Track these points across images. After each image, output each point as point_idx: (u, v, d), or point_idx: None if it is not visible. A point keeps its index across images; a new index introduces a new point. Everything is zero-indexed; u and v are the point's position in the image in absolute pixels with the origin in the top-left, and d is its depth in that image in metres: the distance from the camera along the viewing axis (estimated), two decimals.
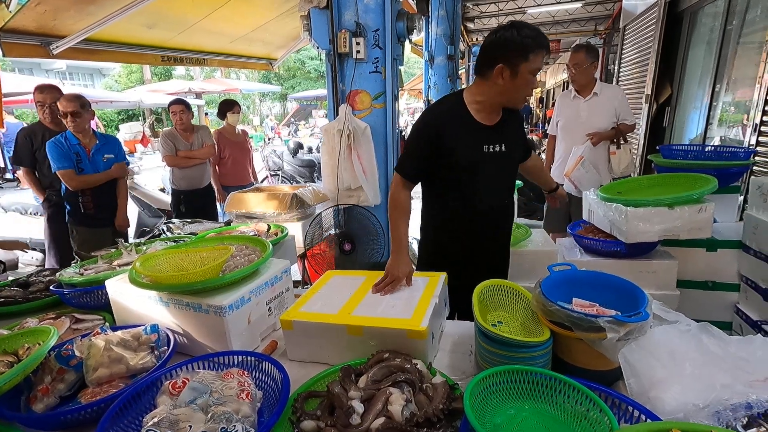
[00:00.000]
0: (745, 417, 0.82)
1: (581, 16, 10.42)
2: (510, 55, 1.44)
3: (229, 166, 4.20)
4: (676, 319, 1.13)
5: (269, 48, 5.64)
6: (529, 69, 1.44)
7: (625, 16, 6.72)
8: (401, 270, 1.43)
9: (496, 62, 1.46)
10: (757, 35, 3.38)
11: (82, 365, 1.09)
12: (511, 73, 1.45)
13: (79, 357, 1.10)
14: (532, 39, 1.42)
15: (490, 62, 1.48)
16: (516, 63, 1.43)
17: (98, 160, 2.97)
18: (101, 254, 1.91)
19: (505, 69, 1.46)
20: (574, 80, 3.18)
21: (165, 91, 12.70)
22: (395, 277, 1.41)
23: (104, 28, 3.28)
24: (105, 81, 21.40)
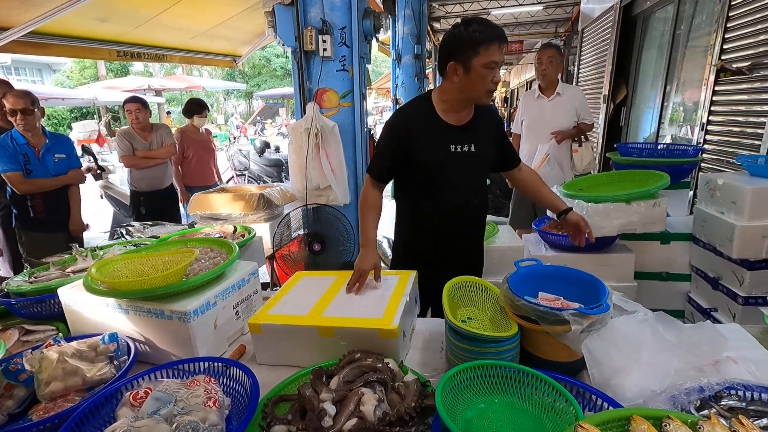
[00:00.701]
0: (697, 400, 0.87)
1: (542, 19, 10.75)
2: (460, 51, 1.45)
3: (193, 166, 4.06)
4: (634, 309, 1.18)
5: (233, 44, 5.49)
6: (481, 63, 1.42)
7: (583, 19, 6.99)
8: (366, 263, 1.44)
9: (449, 60, 1.48)
10: (702, 40, 3.60)
11: (32, 380, 1.02)
12: (464, 69, 1.46)
13: (29, 371, 1.03)
14: (480, 33, 1.41)
15: (444, 60, 1.51)
16: (467, 58, 1.44)
17: (48, 160, 2.80)
18: (53, 260, 1.80)
19: (457, 66, 1.47)
20: (545, 74, 3.26)
21: (122, 88, 12.11)
22: (362, 272, 1.42)
23: (53, 20, 3.09)
24: (55, 77, 20.22)
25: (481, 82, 1.47)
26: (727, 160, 3.03)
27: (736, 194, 1.95)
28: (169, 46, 4.82)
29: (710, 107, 3.22)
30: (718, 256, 2.05)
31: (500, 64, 1.45)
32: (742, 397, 0.87)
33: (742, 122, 2.89)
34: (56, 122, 17.50)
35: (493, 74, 1.45)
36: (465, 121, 1.59)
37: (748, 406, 0.85)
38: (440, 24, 10.97)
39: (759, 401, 0.86)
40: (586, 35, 6.87)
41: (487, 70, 1.44)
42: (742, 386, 0.88)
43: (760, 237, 1.88)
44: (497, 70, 1.46)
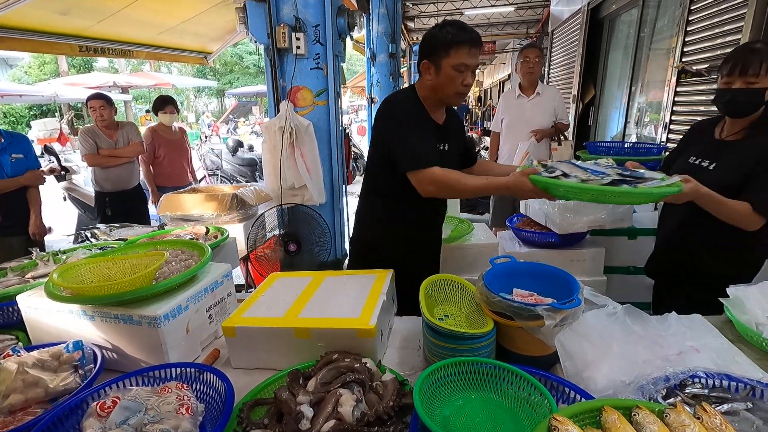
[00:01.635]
0: (664, 389, 0.90)
1: (514, 20, 10.97)
2: (433, 51, 1.47)
3: (165, 166, 3.93)
4: (604, 303, 1.22)
5: (203, 41, 5.35)
6: (451, 64, 1.44)
7: (553, 21, 7.17)
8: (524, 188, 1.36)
9: (423, 58, 1.51)
10: (665, 42, 3.75)
11: None
12: (435, 68, 1.48)
13: None
14: (452, 35, 1.43)
15: (419, 59, 1.54)
16: (438, 58, 1.46)
17: (5, 161, 2.65)
18: (11, 266, 1.71)
19: (430, 65, 1.49)
20: (532, 73, 3.32)
21: (85, 84, 11.58)
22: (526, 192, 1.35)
23: (7, 12, 2.93)
24: (12, 72, 19.17)
25: (450, 84, 1.48)
26: None
27: None
28: (135, 42, 4.65)
29: (672, 107, 3.36)
30: None
31: (471, 67, 1.46)
32: (705, 384, 0.91)
33: None
34: (13, 120, 16.60)
35: (462, 77, 1.47)
36: (443, 120, 1.62)
37: (711, 393, 0.89)
38: (414, 23, 11.03)
39: (720, 388, 0.90)
40: (555, 36, 7.05)
41: (456, 72, 1.46)
42: (704, 374, 0.92)
43: None
44: (468, 73, 1.46)
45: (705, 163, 1.50)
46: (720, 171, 1.45)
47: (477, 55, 1.46)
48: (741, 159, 1.41)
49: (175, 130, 4.03)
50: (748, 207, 1.35)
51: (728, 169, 1.43)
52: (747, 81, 1.35)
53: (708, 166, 1.49)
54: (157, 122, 4.00)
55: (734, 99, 1.39)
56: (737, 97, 1.38)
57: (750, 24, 2.53)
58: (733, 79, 1.38)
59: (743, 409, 0.84)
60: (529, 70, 3.33)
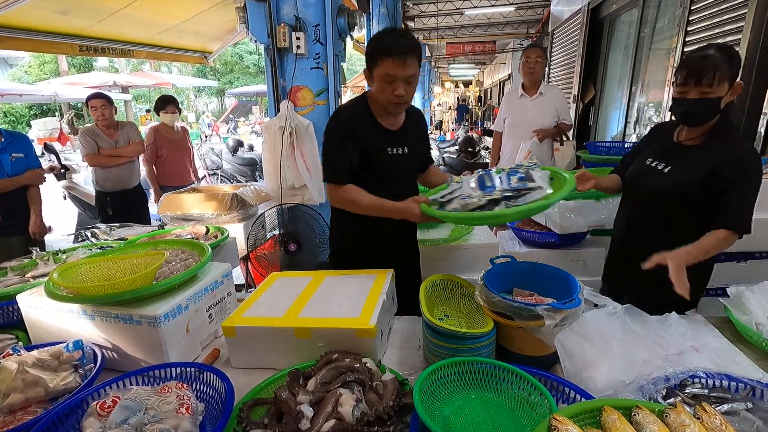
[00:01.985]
0: (664, 389, 0.90)
1: (514, 20, 10.97)
2: (367, 60, 1.50)
3: (168, 165, 3.92)
4: (604, 303, 1.22)
5: (203, 40, 5.35)
6: (379, 74, 1.44)
7: (553, 21, 7.17)
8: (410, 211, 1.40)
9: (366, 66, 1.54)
10: (665, 42, 3.75)
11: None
12: (371, 78, 1.50)
13: None
14: (380, 45, 1.44)
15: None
16: (371, 68, 1.48)
17: (5, 160, 2.65)
18: (11, 265, 1.71)
19: (368, 74, 1.52)
20: (533, 73, 3.32)
21: (85, 84, 11.58)
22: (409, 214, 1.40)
23: (7, 12, 2.93)
24: (12, 71, 19.17)
25: (382, 94, 1.48)
26: None
27: None
28: (135, 41, 4.65)
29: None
30: None
31: (400, 77, 1.43)
32: (704, 384, 0.91)
33: None
34: (13, 120, 16.60)
35: (392, 87, 1.45)
36: (399, 125, 1.61)
37: (711, 393, 0.89)
38: (414, 23, 11.03)
39: (720, 388, 0.90)
40: (556, 37, 7.05)
41: (385, 83, 1.45)
42: (704, 374, 0.92)
43: None
44: (398, 84, 1.44)
45: (661, 165, 1.48)
46: (675, 174, 1.43)
47: (406, 65, 1.41)
48: (697, 164, 1.39)
49: (177, 130, 4.03)
50: (725, 233, 1.31)
51: (683, 172, 1.41)
52: (701, 91, 1.31)
53: (663, 169, 1.47)
54: (159, 122, 4.01)
55: (689, 110, 1.36)
56: (692, 108, 1.35)
57: (750, 24, 2.53)
58: (687, 89, 1.33)
59: (743, 410, 0.84)
60: (530, 70, 3.32)
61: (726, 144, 1.36)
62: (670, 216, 1.42)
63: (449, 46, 12.99)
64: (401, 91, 1.45)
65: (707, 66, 1.28)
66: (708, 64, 1.28)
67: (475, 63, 18.66)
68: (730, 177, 1.31)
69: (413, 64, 1.43)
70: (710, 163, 1.35)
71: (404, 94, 1.46)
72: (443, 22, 11.00)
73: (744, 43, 2.58)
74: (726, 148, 1.36)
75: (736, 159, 1.32)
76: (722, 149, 1.36)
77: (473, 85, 23.55)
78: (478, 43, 12.21)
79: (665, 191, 1.42)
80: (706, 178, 1.35)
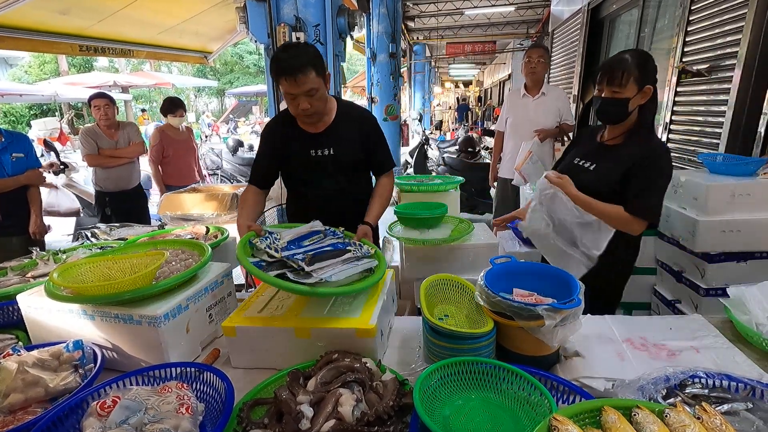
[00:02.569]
0: (664, 389, 0.90)
1: (514, 20, 10.97)
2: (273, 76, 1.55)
3: (173, 165, 3.94)
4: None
5: (203, 40, 5.36)
6: (282, 90, 1.52)
7: (554, 21, 7.16)
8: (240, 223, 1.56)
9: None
10: (665, 42, 3.75)
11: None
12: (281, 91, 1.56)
13: None
14: (272, 66, 1.50)
15: None
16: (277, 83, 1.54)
17: (5, 160, 2.65)
18: (11, 265, 1.71)
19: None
20: (534, 73, 3.31)
21: (85, 84, 11.59)
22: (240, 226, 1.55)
23: (7, 12, 2.93)
24: (12, 71, 19.17)
25: (289, 107, 1.57)
26: (688, 158, 3.17)
27: (696, 191, 2.04)
28: (135, 41, 4.66)
29: (673, 107, 3.35)
30: (681, 250, 2.14)
31: (297, 94, 1.49)
32: (704, 384, 0.91)
33: (702, 122, 3.03)
34: (14, 120, 16.61)
35: (295, 103, 1.52)
36: (323, 128, 1.67)
37: (711, 393, 0.89)
38: (415, 23, 11.04)
39: (720, 388, 0.90)
40: (556, 36, 7.05)
41: (288, 99, 1.53)
42: (704, 374, 0.92)
43: (719, 231, 1.97)
44: (300, 99, 1.50)
45: (587, 164, 1.61)
46: (599, 171, 1.55)
47: (297, 83, 1.47)
48: (618, 161, 1.50)
49: (182, 130, 4.03)
50: (626, 215, 1.44)
51: (606, 169, 1.53)
52: (612, 90, 1.44)
53: (589, 167, 1.60)
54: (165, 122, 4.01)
55: (603, 108, 1.50)
56: (605, 106, 1.48)
57: (750, 24, 2.53)
58: (602, 87, 1.47)
59: (743, 410, 0.84)
60: (532, 70, 3.32)
61: (641, 143, 1.49)
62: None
63: (449, 46, 13.00)
64: (304, 105, 1.52)
65: (617, 68, 1.43)
66: (619, 66, 1.42)
67: (475, 63, 18.67)
68: (640, 172, 1.45)
69: (306, 80, 1.47)
70: (628, 160, 1.47)
71: (308, 107, 1.52)
72: (443, 22, 11.00)
73: (744, 43, 2.58)
74: (641, 146, 1.48)
75: (648, 154, 1.45)
76: (638, 147, 1.49)
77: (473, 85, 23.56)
78: (478, 43, 12.21)
79: (590, 187, 1.53)
80: (625, 174, 1.47)
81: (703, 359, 1.10)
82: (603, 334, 1.23)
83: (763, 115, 2.55)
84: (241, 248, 1.28)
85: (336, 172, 1.74)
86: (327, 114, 1.68)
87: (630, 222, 1.43)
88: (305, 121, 1.63)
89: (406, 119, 11.03)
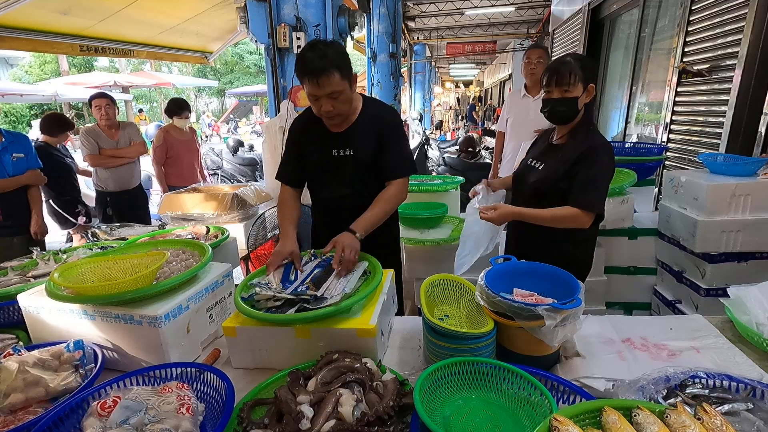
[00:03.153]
0: (664, 389, 0.90)
1: (515, 20, 10.97)
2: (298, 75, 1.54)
3: (177, 166, 3.93)
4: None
5: (203, 40, 5.36)
6: (306, 91, 1.52)
7: (554, 21, 7.17)
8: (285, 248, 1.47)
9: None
10: (666, 42, 3.75)
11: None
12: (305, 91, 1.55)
13: None
14: (296, 66, 1.49)
15: None
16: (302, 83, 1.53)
17: (6, 160, 2.65)
18: (12, 265, 1.71)
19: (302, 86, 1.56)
20: (533, 74, 3.31)
21: (86, 84, 11.59)
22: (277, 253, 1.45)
23: (7, 12, 2.93)
24: (13, 71, 19.18)
25: (312, 107, 1.57)
26: (689, 158, 3.17)
27: (697, 191, 2.04)
28: (136, 41, 4.66)
29: (673, 107, 3.35)
30: (682, 250, 2.14)
31: (321, 95, 1.47)
32: (705, 384, 0.91)
33: (702, 122, 3.03)
34: (14, 120, 16.61)
35: (318, 104, 1.51)
36: (344, 128, 1.65)
37: (711, 394, 0.89)
38: (415, 23, 11.03)
39: (721, 388, 0.90)
40: (556, 36, 7.05)
41: (311, 100, 1.52)
42: (705, 375, 0.92)
43: (719, 231, 1.97)
44: (323, 100, 1.49)
45: (537, 164, 1.67)
46: (545, 169, 1.62)
47: (320, 85, 1.44)
48: (562, 158, 1.57)
49: (186, 130, 4.02)
50: (574, 210, 1.48)
51: (551, 167, 1.60)
52: (562, 90, 1.52)
53: (538, 166, 1.66)
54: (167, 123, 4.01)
55: (554, 107, 1.56)
56: (557, 107, 1.55)
57: (751, 24, 2.53)
58: (551, 89, 1.55)
59: (744, 410, 0.84)
60: (531, 71, 3.32)
61: (584, 140, 1.55)
62: (544, 206, 1.54)
63: (449, 46, 13.00)
64: (327, 107, 1.50)
65: (565, 69, 1.51)
66: (565, 67, 1.51)
67: (475, 63, 18.67)
68: (582, 166, 1.50)
69: (329, 83, 1.45)
70: (571, 157, 1.53)
71: (331, 109, 1.51)
72: (443, 22, 11.01)
73: (744, 43, 2.58)
74: (583, 143, 1.54)
75: (589, 151, 1.51)
76: (580, 144, 1.54)
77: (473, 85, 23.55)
78: (478, 43, 12.21)
79: (538, 186, 1.61)
80: (568, 171, 1.53)
81: (703, 359, 1.10)
82: (603, 334, 1.23)
83: (764, 115, 2.55)
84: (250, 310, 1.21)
85: (356, 173, 1.69)
86: (352, 113, 1.64)
87: (578, 216, 1.47)
88: (327, 122, 1.61)
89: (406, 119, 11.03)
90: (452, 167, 6.20)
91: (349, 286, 1.25)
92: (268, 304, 1.22)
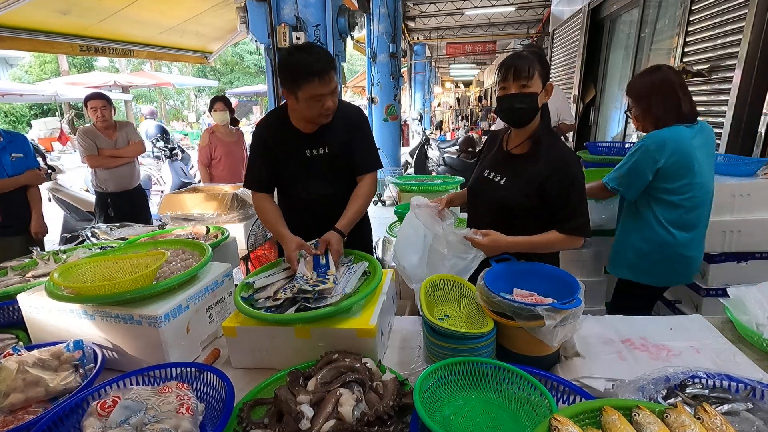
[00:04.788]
0: (664, 389, 0.90)
1: (515, 20, 10.97)
2: (285, 82, 1.49)
3: (222, 168, 3.90)
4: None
5: (203, 40, 5.36)
6: (305, 96, 1.46)
7: (554, 21, 7.17)
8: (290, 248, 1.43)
9: (282, 86, 1.52)
10: (666, 42, 3.75)
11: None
12: (294, 98, 1.51)
13: None
14: (298, 71, 1.44)
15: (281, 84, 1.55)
16: (293, 90, 1.48)
17: (5, 160, 2.65)
18: (12, 265, 1.71)
19: (288, 94, 1.52)
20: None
21: (86, 83, 11.58)
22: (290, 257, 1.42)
23: (7, 12, 2.93)
24: (13, 71, 19.18)
25: (309, 111, 1.52)
26: None
27: None
28: (136, 41, 4.66)
29: None
30: None
31: (327, 93, 1.46)
32: (705, 384, 0.91)
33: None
34: (14, 120, 16.61)
35: (320, 104, 1.48)
36: (317, 127, 1.64)
37: (711, 394, 0.89)
38: (415, 23, 11.04)
39: (720, 388, 0.90)
40: (556, 37, 7.05)
41: (313, 102, 1.48)
42: (705, 375, 0.92)
43: (719, 231, 1.97)
44: (326, 98, 1.47)
45: (497, 177, 1.49)
46: (510, 186, 1.45)
47: (326, 82, 1.44)
48: (529, 174, 1.40)
49: (232, 131, 3.99)
50: (566, 236, 1.37)
51: (516, 184, 1.43)
52: (520, 84, 1.35)
53: (499, 181, 1.48)
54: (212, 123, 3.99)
55: (512, 105, 1.38)
56: (515, 103, 1.37)
57: (750, 24, 2.53)
58: (508, 85, 1.37)
59: (744, 410, 0.84)
60: None
61: (551, 151, 1.40)
62: (512, 224, 1.42)
63: (449, 46, 13.00)
64: (329, 104, 1.50)
65: (522, 63, 1.35)
66: (523, 60, 1.36)
67: (475, 63, 18.67)
68: (560, 186, 1.36)
69: (332, 80, 1.48)
70: (540, 173, 1.38)
71: (332, 105, 1.51)
72: (443, 22, 11.01)
73: (744, 43, 2.58)
74: (553, 157, 1.39)
75: (563, 166, 1.37)
76: (549, 158, 1.39)
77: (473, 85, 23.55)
78: (478, 44, 12.22)
79: (503, 203, 1.45)
80: (539, 190, 1.38)
81: (703, 359, 1.10)
82: (603, 334, 1.23)
83: (764, 116, 2.55)
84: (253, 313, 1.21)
85: (331, 171, 1.71)
86: None
87: (572, 241, 1.38)
88: (322, 122, 1.59)
89: (406, 119, 11.03)
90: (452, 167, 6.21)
91: (350, 286, 1.26)
92: (267, 303, 1.22)
